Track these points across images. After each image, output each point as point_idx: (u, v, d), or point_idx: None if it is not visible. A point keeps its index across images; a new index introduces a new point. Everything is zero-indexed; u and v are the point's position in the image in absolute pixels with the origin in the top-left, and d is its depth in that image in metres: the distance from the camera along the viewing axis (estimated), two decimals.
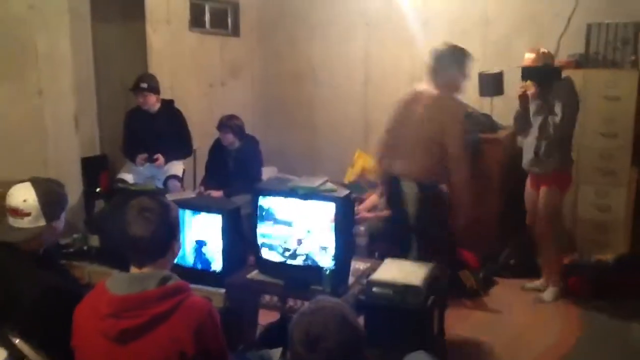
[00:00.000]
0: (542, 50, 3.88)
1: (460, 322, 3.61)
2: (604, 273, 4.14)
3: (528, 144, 3.98)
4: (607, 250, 4.57)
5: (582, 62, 4.74)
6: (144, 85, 4.51)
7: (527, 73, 3.84)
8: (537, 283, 4.19)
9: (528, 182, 4.09)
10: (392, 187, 3.45)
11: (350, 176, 5.77)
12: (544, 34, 5.10)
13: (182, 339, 1.64)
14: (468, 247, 4.34)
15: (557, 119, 3.72)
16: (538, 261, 4.30)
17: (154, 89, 4.58)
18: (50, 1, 4.23)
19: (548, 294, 4.04)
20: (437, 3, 5.61)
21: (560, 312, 3.92)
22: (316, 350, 1.39)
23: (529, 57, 3.85)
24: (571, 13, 4.94)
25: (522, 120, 3.98)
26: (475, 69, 5.08)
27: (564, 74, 4.07)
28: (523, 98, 3.90)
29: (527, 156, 3.99)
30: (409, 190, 3.29)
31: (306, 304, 1.55)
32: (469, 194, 3.31)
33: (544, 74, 3.82)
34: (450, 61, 3.34)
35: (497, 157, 4.71)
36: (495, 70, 4.85)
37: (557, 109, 3.73)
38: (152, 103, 4.58)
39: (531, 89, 3.83)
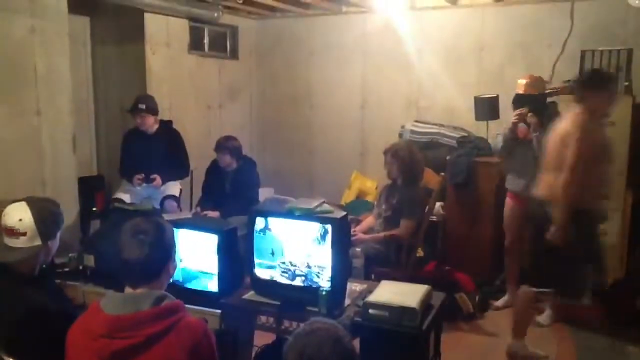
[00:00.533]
0: (535, 76, 3.90)
1: (455, 345, 3.59)
2: (600, 297, 4.13)
3: (522, 170, 3.96)
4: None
5: None
6: (142, 106, 4.53)
7: (520, 100, 3.84)
8: (504, 300, 4.21)
9: (512, 202, 4.09)
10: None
11: (346, 198, 5.79)
12: (538, 60, 5.18)
13: (177, 359, 1.63)
14: (464, 269, 4.34)
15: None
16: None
17: (152, 110, 4.60)
18: (50, 23, 4.28)
19: (545, 317, 4.02)
20: (433, 30, 5.70)
21: (556, 336, 3.90)
22: None
23: (521, 83, 3.87)
24: (565, 40, 5.02)
25: (510, 146, 4.01)
26: (469, 94, 5.19)
27: (559, 98, 4.09)
28: (516, 125, 3.92)
29: (521, 181, 3.98)
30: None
31: (301, 325, 1.55)
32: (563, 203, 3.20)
33: (536, 101, 3.84)
34: (593, 86, 3.32)
35: (493, 180, 4.73)
36: (491, 94, 4.90)
37: None
38: (150, 124, 4.60)
39: (532, 119, 3.82)
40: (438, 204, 4.52)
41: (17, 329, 1.90)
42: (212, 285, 2.72)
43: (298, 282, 2.62)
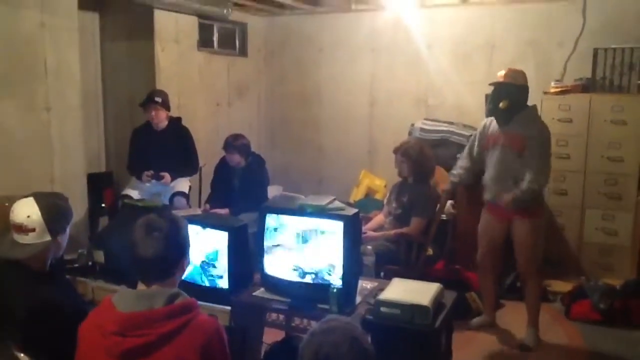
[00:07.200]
0: (516, 69, 3.63)
1: (465, 344, 3.56)
2: (611, 298, 4.09)
3: (497, 178, 3.70)
4: (613, 275, 4.54)
5: (588, 86, 4.77)
6: (159, 99, 4.55)
7: (499, 90, 3.56)
8: (481, 319, 4.00)
9: (489, 212, 3.79)
10: None
11: (355, 196, 5.76)
12: (548, 58, 5.14)
13: (187, 359, 1.60)
14: (473, 269, 4.30)
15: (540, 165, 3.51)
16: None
17: (166, 104, 4.63)
18: (60, 19, 4.28)
19: (530, 338, 3.72)
20: (442, 27, 5.67)
21: (566, 335, 3.87)
22: None
23: (500, 74, 3.57)
24: (577, 37, 4.98)
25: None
26: (479, 93, 5.15)
27: (571, 97, 3.97)
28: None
29: (497, 188, 3.68)
30: None
31: (315, 323, 1.52)
32: None
33: (514, 92, 3.53)
34: None
35: None
36: None
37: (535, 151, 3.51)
38: (162, 119, 4.60)
39: None
40: (449, 203, 4.48)
41: (30, 325, 1.89)
42: (223, 282, 2.70)
43: (308, 279, 2.60)
